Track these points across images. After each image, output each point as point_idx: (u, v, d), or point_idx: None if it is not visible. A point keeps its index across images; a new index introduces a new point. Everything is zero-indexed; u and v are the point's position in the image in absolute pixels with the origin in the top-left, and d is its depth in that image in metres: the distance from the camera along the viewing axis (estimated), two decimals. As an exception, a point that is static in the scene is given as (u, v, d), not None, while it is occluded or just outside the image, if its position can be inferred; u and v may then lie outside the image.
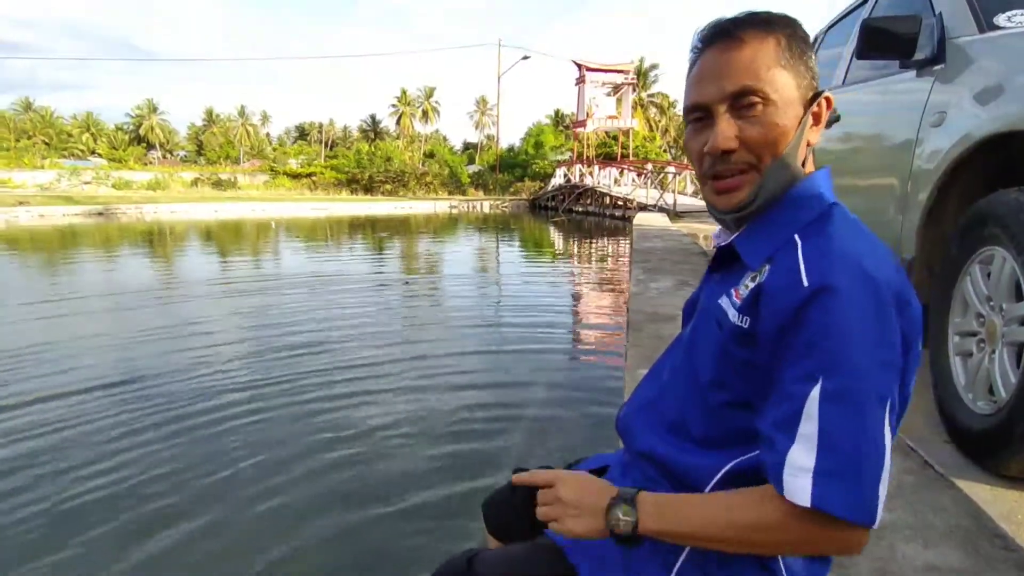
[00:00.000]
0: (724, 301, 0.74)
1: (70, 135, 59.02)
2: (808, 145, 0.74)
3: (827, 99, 0.74)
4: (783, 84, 0.71)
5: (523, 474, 0.80)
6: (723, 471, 0.71)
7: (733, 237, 0.76)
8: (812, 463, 0.60)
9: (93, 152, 57.06)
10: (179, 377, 3.99)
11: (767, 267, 0.69)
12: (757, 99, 0.70)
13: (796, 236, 0.69)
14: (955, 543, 1.14)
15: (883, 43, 2.14)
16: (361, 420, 3.32)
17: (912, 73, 2.21)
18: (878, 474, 0.61)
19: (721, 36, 0.73)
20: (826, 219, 0.70)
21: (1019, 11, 1.97)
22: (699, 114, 0.74)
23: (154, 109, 62.22)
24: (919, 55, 2.13)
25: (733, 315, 0.71)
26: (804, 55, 0.73)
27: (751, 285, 0.71)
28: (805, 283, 0.63)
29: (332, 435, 3.11)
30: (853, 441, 0.60)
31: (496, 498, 1.04)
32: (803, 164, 0.74)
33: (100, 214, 21.01)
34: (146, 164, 49.48)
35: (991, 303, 1.63)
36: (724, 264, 0.80)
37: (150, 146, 61.16)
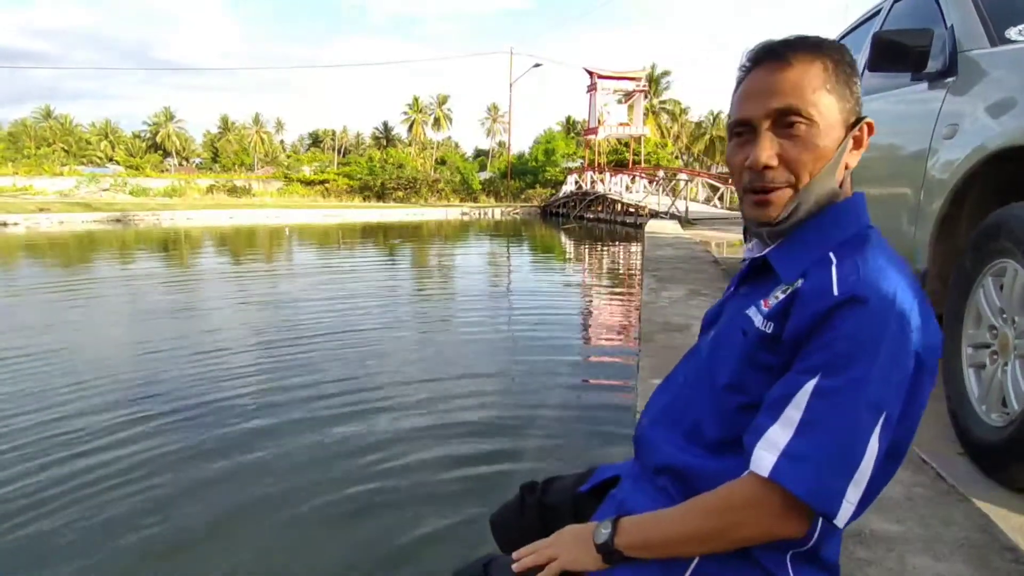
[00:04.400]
0: (751, 311, 0.77)
1: (89, 143, 60.01)
2: (846, 168, 0.76)
3: (868, 124, 0.76)
4: (827, 107, 0.73)
5: (525, 559, 0.80)
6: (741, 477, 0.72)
7: (767, 250, 0.79)
8: (784, 442, 0.64)
9: (111, 159, 57.91)
10: (191, 383, 4.04)
11: (800, 280, 0.72)
12: (800, 119, 0.72)
13: (831, 254, 0.72)
14: (965, 556, 1.15)
15: (895, 55, 2.15)
16: (372, 428, 3.34)
17: (924, 85, 2.22)
18: (849, 472, 0.63)
19: (770, 56, 0.75)
20: (863, 240, 0.73)
21: (1031, 25, 1.97)
22: (742, 129, 0.77)
23: (171, 117, 63.16)
24: (931, 67, 2.14)
25: (759, 321, 0.74)
26: (849, 80, 0.75)
27: (781, 296, 0.73)
28: (835, 292, 0.66)
29: (343, 445, 3.13)
30: (832, 435, 0.63)
31: (504, 513, 1.05)
32: (840, 186, 0.76)
33: (118, 220, 21.33)
34: (163, 171, 50.14)
35: (1004, 315, 1.63)
36: (753, 277, 0.82)
37: (167, 153, 62.01)
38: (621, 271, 10.46)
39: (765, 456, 0.65)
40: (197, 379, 4.13)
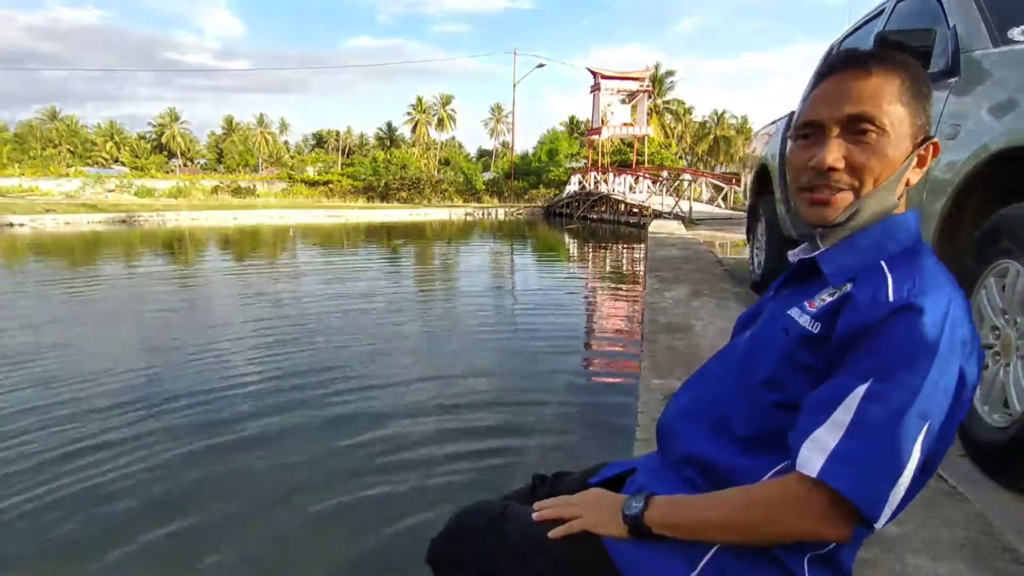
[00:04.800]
0: (795, 311, 0.77)
1: (94, 144, 60.36)
2: (907, 184, 0.77)
3: (934, 144, 0.76)
4: (899, 119, 0.74)
5: (546, 511, 0.82)
6: (770, 474, 0.73)
7: (817, 252, 0.79)
8: (833, 444, 0.64)
9: (116, 160, 58.26)
10: (196, 383, 4.06)
11: (849, 284, 0.72)
12: (872, 127, 0.73)
13: (883, 263, 0.72)
14: (965, 557, 1.15)
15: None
16: (378, 423, 3.35)
17: (926, 85, 2.22)
18: (894, 478, 0.63)
19: (851, 64, 0.76)
20: (917, 254, 0.73)
21: (1034, 25, 1.97)
22: (810, 131, 0.77)
23: (175, 118, 63.48)
24: (933, 68, 2.14)
25: (805, 320, 0.74)
26: (924, 99, 0.76)
27: (828, 299, 0.73)
28: (891, 299, 0.67)
29: (349, 440, 3.14)
30: (880, 440, 0.63)
31: (514, 498, 1.04)
32: (899, 199, 0.77)
33: (123, 221, 21.43)
34: (167, 172, 50.36)
35: (1006, 316, 1.63)
36: (798, 279, 0.83)
37: (171, 154, 62.33)
38: (625, 271, 10.45)
39: (812, 457, 0.65)
40: (202, 379, 4.15)
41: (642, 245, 11.66)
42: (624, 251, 13.54)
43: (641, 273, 8.67)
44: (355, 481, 2.73)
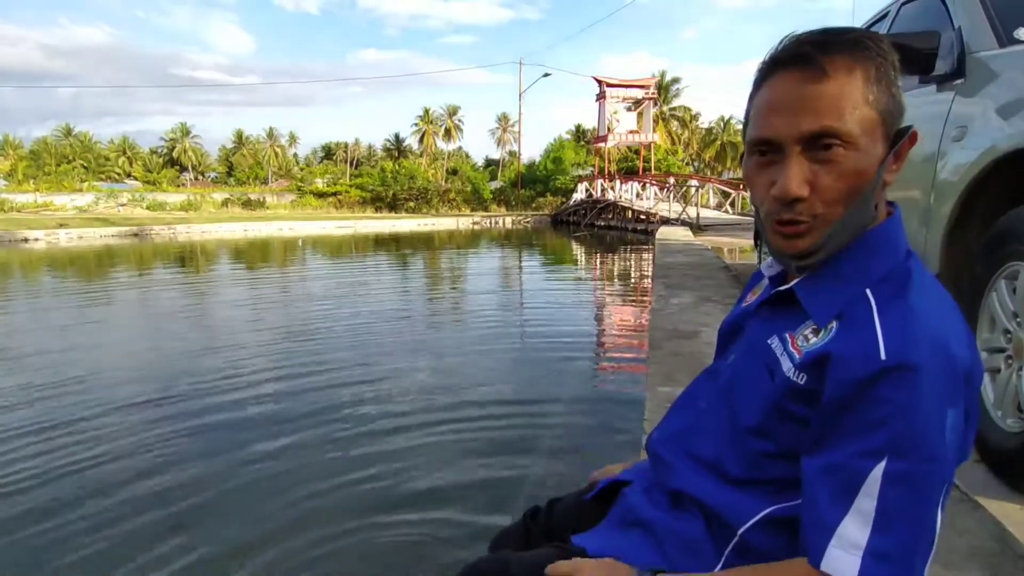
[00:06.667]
0: (776, 346, 0.69)
1: (107, 159, 61.25)
2: (884, 185, 0.66)
3: (913, 135, 0.66)
4: (869, 123, 0.62)
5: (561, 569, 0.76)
6: (762, 515, 0.68)
7: (794, 282, 0.70)
8: (864, 541, 0.57)
9: (129, 175, 59.11)
10: (205, 395, 4.08)
11: (835, 324, 0.64)
12: (838, 142, 0.61)
13: (868, 292, 0.63)
14: (977, 565, 1.13)
15: (903, 58, 2.12)
16: (384, 433, 3.36)
17: (932, 88, 2.20)
18: (928, 552, 0.59)
19: (800, 62, 0.63)
20: (905, 279, 0.64)
21: (1040, 25, 1.95)
22: (767, 148, 0.66)
23: (187, 133, 64.31)
24: (939, 70, 2.13)
25: (788, 368, 0.66)
26: (893, 86, 0.64)
27: (813, 340, 0.65)
28: (883, 356, 0.58)
29: (356, 446, 3.17)
30: (911, 526, 0.57)
31: (504, 539, 1.02)
32: (875, 207, 0.67)
33: (135, 235, 21.67)
34: (179, 186, 51.06)
35: (1018, 319, 1.61)
36: (777, 302, 0.73)
37: (183, 168, 63.09)
38: (632, 278, 10.42)
39: (844, 557, 0.58)
40: (211, 390, 4.17)
41: (649, 251, 11.63)
42: (632, 257, 13.51)
43: (648, 279, 8.64)
44: (358, 488, 2.73)
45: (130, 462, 3.05)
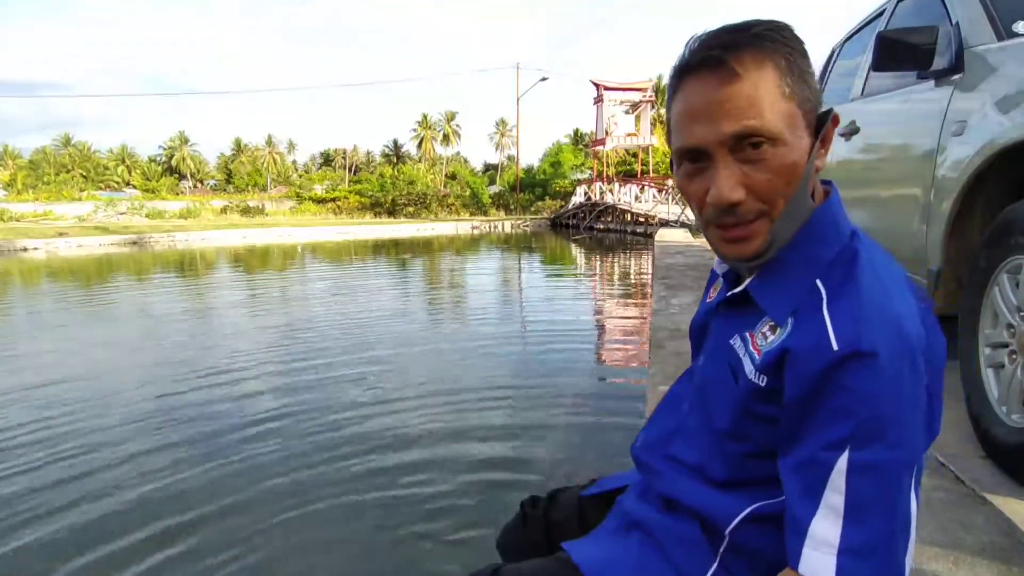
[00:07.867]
0: (739, 346, 0.69)
1: (106, 168, 61.44)
2: (816, 171, 0.66)
3: (835, 118, 0.66)
4: (790, 116, 0.62)
5: None
6: (746, 512, 0.68)
7: (747, 283, 0.70)
8: (837, 538, 0.56)
9: (128, 183, 59.24)
10: (203, 397, 4.08)
11: (791, 321, 0.64)
12: (762, 139, 0.61)
13: (819, 282, 0.63)
14: (987, 561, 1.11)
15: (900, 54, 2.13)
16: (386, 434, 3.36)
17: (931, 83, 2.19)
18: (907, 540, 0.58)
19: (710, 64, 0.62)
20: (851, 261, 0.63)
21: (1038, 18, 1.95)
22: (694, 155, 0.65)
23: (185, 141, 64.52)
24: (937, 65, 2.12)
25: (750, 370, 0.66)
26: (806, 73, 0.63)
27: (771, 337, 0.65)
28: (835, 346, 0.57)
29: (358, 449, 3.16)
30: (883, 516, 0.56)
31: (508, 533, 1.03)
32: (812, 195, 0.67)
33: (135, 243, 21.68)
34: (178, 194, 51.14)
35: (1021, 313, 1.59)
36: (735, 301, 0.73)
37: (181, 176, 63.27)
38: (632, 279, 10.42)
39: (820, 557, 0.56)
40: (210, 396, 4.16)
41: (649, 253, 11.63)
42: (631, 260, 13.51)
43: (648, 280, 8.64)
44: (358, 491, 2.72)
45: (130, 465, 3.04)
